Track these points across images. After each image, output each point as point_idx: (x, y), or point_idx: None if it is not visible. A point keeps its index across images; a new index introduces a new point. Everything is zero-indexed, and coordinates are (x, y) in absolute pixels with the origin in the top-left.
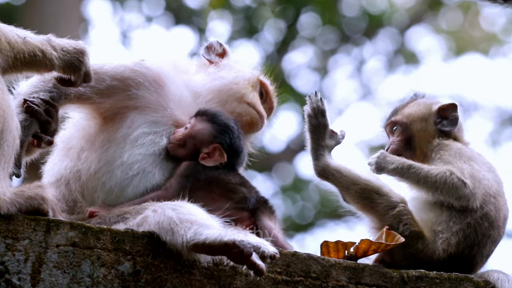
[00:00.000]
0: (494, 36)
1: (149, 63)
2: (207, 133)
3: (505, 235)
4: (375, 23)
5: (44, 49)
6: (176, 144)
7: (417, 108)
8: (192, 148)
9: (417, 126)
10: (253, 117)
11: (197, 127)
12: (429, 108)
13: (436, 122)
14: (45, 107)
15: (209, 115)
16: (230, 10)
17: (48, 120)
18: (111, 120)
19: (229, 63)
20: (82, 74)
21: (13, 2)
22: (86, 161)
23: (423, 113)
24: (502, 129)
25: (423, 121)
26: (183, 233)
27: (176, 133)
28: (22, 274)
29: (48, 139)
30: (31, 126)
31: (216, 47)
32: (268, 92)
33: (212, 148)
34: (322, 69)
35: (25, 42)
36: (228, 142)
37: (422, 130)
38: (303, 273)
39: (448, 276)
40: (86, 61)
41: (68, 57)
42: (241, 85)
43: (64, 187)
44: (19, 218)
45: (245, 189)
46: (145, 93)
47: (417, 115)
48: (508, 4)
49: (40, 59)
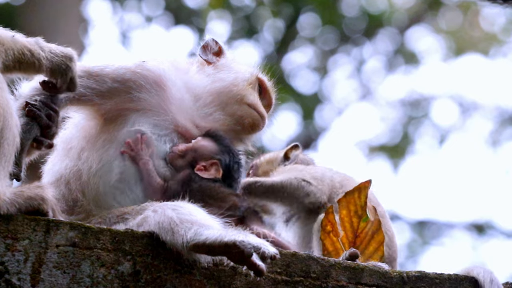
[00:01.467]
0: (494, 36)
1: (150, 64)
2: (209, 150)
3: (505, 235)
4: (375, 23)
5: (32, 48)
6: (176, 154)
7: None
8: (190, 160)
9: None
10: (255, 119)
11: (201, 142)
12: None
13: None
14: (46, 111)
15: (216, 136)
16: (229, 10)
17: (49, 125)
18: (113, 121)
19: (227, 63)
20: (68, 80)
21: (12, 2)
22: (87, 161)
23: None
24: (502, 129)
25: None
26: (183, 233)
27: (179, 145)
28: (22, 274)
29: (49, 143)
30: (32, 130)
31: (212, 46)
32: (266, 89)
33: (210, 163)
34: (321, 69)
35: (14, 40)
36: (226, 162)
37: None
38: (303, 273)
39: (448, 276)
40: (73, 67)
41: (56, 59)
42: (241, 86)
43: (64, 187)
44: (19, 218)
45: (236, 198)
46: (146, 96)
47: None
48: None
49: (28, 58)
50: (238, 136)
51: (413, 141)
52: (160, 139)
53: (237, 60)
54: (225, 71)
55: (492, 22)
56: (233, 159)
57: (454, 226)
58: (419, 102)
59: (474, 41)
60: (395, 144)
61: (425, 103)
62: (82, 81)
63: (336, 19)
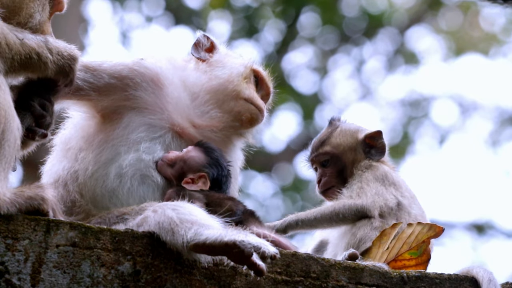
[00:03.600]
0: (494, 36)
1: (148, 62)
2: (198, 162)
3: (505, 235)
4: (375, 23)
5: (40, 52)
6: (166, 163)
7: (344, 137)
8: (179, 171)
9: (348, 156)
10: (253, 113)
11: (191, 153)
12: (355, 137)
13: (365, 151)
14: (39, 101)
15: (205, 148)
16: (230, 10)
17: (43, 114)
18: (109, 120)
19: (220, 58)
20: (69, 81)
21: None
22: (83, 162)
23: (351, 143)
24: (502, 129)
25: (353, 151)
26: (184, 233)
27: (170, 153)
28: (22, 274)
29: (42, 132)
30: (25, 119)
31: (204, 42)
32: (262, 78)
33: (198, 176)
34: (322, 69)
35: (23, 44)
36: (214, 176)
37: (353, 160)
38: (303, 273)
39: (448, 276)
40: (75, 68)
41: (62, 62)
42: (236, 82)
43: (62, 188)
44: (19, 218)
45: (231, 202)
46: (142, 94)
47: (346, 145)
48: (508, 4)
49: (35, 62)
50: (237, 131)
51: (413, 141)
52: (155, 143)
53: (230, 54)
54: (220, 67)
55: (492, 22)
56: (221, 173)
57: (454, 226)
58: (419, 102)
59: (474, 41)
60: (395, 144)
61: (425, 103)
62: (79, 75)
63: (336, 19)
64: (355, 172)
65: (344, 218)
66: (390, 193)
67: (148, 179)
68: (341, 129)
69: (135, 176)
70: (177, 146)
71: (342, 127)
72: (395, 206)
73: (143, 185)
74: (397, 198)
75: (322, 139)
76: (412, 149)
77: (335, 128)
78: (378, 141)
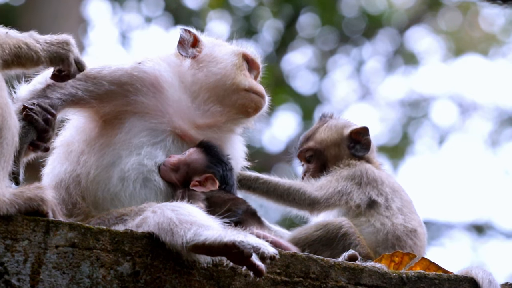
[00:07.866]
0: (494, 36)
1: (147, 66)
2: (202, 163)
3: (505, 235)
4: (374, 23)
5: (28, 41)
6: (169, 168)
7: (328, 133)
8: (183, 175)
9: (330, 152)
10: (257, 102)
11: (193, 156)
12: (340, 133)
13: (349, 146)
14: (43, 116)
15: (206, 147)
16: (229, 10)
17: (46, 129)
18: (111, 124)
19: (210, 52)
20: (72, 63)
21: (12, 3)
22: (85, 165)
23: (335, 138)
24: (502, 129)
25: (336, 146)
26: (183, 234)
27: (172, 157)
28: (22, 275)
29: (45, 147)
30: (29, 134)
31: (187, 38)
32: (252, 60)
33: (205, 178)
34: (321, 69)
35: (8, 35)
36: (221, 173)
37: (335, 155)
38: (302, 274)
39: (448, 277)
40: (73, 49)
41: (52, 47)
42: (233, 74)
43: (64, 191)
44: (19, 219)
45: (231, 202)
46: (143, 99)
47: (329, 140)
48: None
49: (26, 51)
50: (242, 122)
51: (413, 142)
52: (156, 148)
53: (216, 44)
54: (213, 62)
55: (491, 22)
56: (226, 168)
57: (453, 226)
58: (418, 102)
59: (474, 42)
60: (394, 144)
61: (424, 103)
62: (79, 84)
63: (336, 19)
64: (335, 168)
65: (293, 201)
66: (362, 192)
67: (151, 183)
68: (328, 125)
69: (138, 179)
70: (178, 148)
71: (329, 122)
72: (365, 204)
73: (146, 189)
74: (369, 197)
75: (308, 135)
76: (412, 149)
77: (322, 123)
78: (363, 137)
